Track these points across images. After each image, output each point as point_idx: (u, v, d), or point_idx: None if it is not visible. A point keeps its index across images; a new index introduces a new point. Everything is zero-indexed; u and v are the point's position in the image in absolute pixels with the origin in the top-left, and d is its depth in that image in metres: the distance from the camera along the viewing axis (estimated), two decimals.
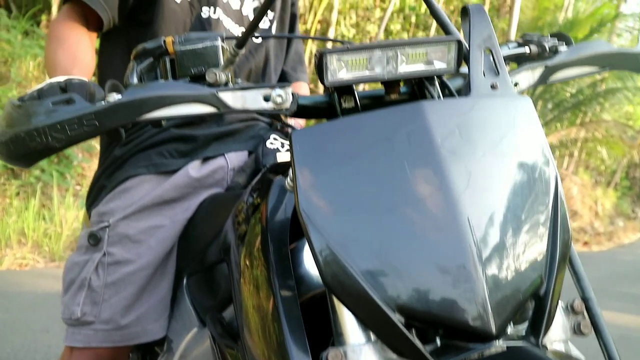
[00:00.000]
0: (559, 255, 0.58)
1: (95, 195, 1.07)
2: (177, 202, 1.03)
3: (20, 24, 5.63)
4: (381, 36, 8.38)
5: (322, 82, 0.63)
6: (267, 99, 0.64)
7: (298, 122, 1.25)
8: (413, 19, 9.16)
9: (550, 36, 0.82)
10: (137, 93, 0.61)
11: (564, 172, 11.97)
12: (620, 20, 9.99)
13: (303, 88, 1.31)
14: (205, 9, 1.07)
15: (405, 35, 9.09)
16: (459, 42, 0.64)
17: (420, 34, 9.24)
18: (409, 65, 0.64)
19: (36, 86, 0.70)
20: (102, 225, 1.01)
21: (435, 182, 0.56)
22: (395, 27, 8.76)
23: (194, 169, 1.03)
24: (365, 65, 0.64)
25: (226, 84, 0.65)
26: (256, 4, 1.17)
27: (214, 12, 1.08)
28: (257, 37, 1.13)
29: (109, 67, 1.10)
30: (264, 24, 1.19)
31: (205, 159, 1.05)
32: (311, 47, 8.13)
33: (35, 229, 4.27)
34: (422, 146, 0.58)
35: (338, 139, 0.59)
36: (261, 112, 0.64)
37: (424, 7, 9.28)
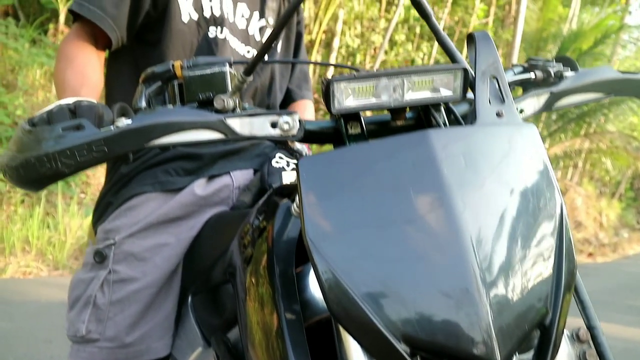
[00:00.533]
0: (564, 284, 0.58)
1: (101, 212, 1.08)
2: (182, 220, 1.03)
3: (28, 32, 5.69)
4: (386, 46, 8.41)
5: (329, 110, 0.63)
6: (274, 125, 0.64)
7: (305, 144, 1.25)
8: (418, 30, 9.19)
9: (556, 60, 0.82)
10: (145, 119, 0.62)
11: (568, 183, 11.94)
12: (625, 32, 10.00)
13: (308, 106, 1.32)
14: (212, 29, 1.08)
15: (409, 46, 9.11)
16: (465, 70, 0.65)
17: (425, 44, 9.27)
18: (415, 92, 0.65)
19: (45, 108, 0.70)
20: (108, 243, 1.01)
21: (440, 211, 0.56)
22: (400, 37, 8.79)
23: (199, 187, 1.04)
24: (371, 92, 0.64)
25: (234, 109, 0.65)
26: (262, 23, 1.18)
27: (221, 32, 1.09)
28: (265, 62, 1.14)
29: (117, 84, 1.11)
30: None
31: (211, 177, 1.06)
32: (316, 57, 8.17)
33: (39, 237, 4.29)
34: (427, 175, 0.58)
35: (344, 167, 0.59)
36: (268, 139, 0.65)
37: None
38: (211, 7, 1.09)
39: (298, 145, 1.17)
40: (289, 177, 1.04)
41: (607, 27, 9.39)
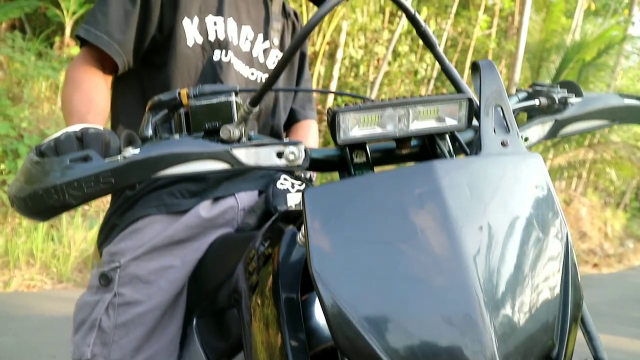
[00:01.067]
0: (571, 316, 0.58)
1: (106, 234, 1.08)
2: (187, 243, 1.04)
3: (34, 45, 5.74)
4: (389, 57, 8.45)
5: (335, 140, 0.64)
6: (280, 155, 0.65)
7: None
8: (421, 41, 9.22)
9: (560, 86, 0.82)
10: (151, 150, 0.62)
11: (573, 194, 11.90)
12: (628, 42, 10.01)
13: (312, 126, 1.33)
14: (217, 52, 1.09)
15: (412, 57, 9.15)
16: (470, 100, 0.65)
17: (428, 55, 9.29)
18: (420, 121, 0.65)
19: (53, 135, 0.71)
20: (113, 266, 1.01)
21: (445, 243, 0.56)
22: (403, 48, 8.83)
23: (204, 209, 1.04)
24: (377, 122, 0.65)
25: (240, 139, 0.66)
26: (266, 45, 1.19)
27: (226, 55, 1.10)
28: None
29: (123, 107, 1.12)
30: (273, 65, 1.21)
31: (216, 199, 1.06)
32: (319, 68, 8.21)
33: (43, 250, 4.30)
34: (433, 207, 0.58)
35: (350, 198, 0.60)
36: (274, 169, 0.65)
37: (431, 29, 9.35)
38: (216, 31, 1.10)
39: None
40: (294, 199, 1.04)
41: (610, 37, 9.39)
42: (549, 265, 0.60)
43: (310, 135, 1.30)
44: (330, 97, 8.07)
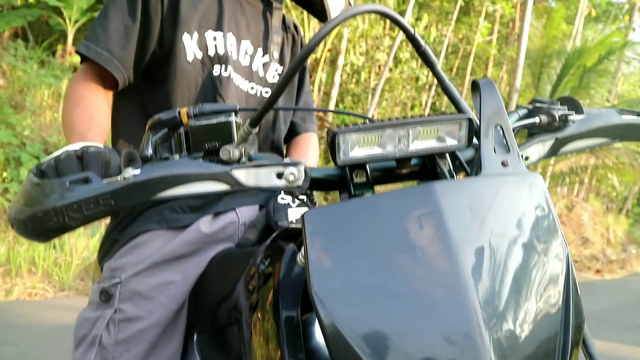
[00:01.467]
0: (572, 339, 0.58)
1: (107, 249, 1.08)
2: (188, 258, 1.03)
3: (37, 53, 5.76)
4: (390, 64, 8.46)
5: (335, 161, 0.64)
6: (279, 176, 0.65)
7: None
8: None
9: (560, 102, 0.82)
10: (151, 172, 0.62)
11: (575, 199, 11.88)
12: (629, 48, 10.01)
13: (312, 139, 1.33)
14: (216, 67, 1.09)
15: (414, 63, 9.17)
16: (470, 120, 0.65)
17: None
18: (420, 141, 0.65)
19: (53, 154, 0.71)
20: (114, 282, 1.01)
21: (445, 265, 0.56)
22: (405, 55, 8.85)
23: (205, 224, 1.04)
24: (377, 142, 0.64)
25: (239, 159, 0.66)
26: (266, 59, 1.19)
27: (225, 70, 1.10)
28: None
29: (123, 122, 1.12)
30: (273, 78, 1.21)
31: (217, 214, 1.06)
32: (321, 75, 8.22)
33: (45, 258, 4.30)
34: (433, 229, 0.58)
35: (350, 220, 0.60)
36: (274, 189, 0.65)
37: (432, 36, 9.40)
38: (215, 46, 1.10)
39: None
40: (294, 214, 1.04)
41: (611, 44, 9.41)
42: (549, 286, 0.59)
43: (310, 148, 1.30)
44: (332, 103, 8.08)
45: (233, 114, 0.68)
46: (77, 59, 6.03)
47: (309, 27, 7.16)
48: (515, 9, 10.29)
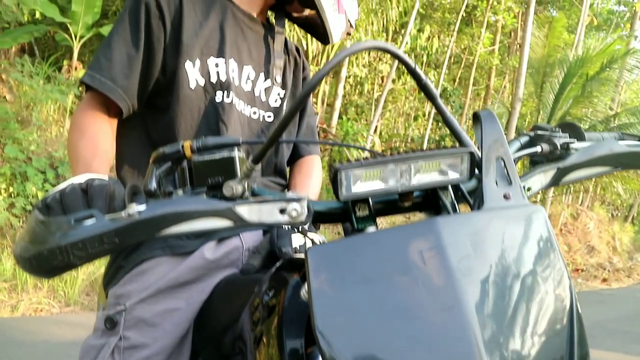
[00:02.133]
0: None
1: (112, 275, 1.09)
2: (192, 284, 1.04)
3: (43, 69, 5.81)
4: (393, 75, 8.49)
5: (337, 197, 0.64)
6: (282, 211, 0.65)
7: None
8: (424, 58, 9.28)
9: (562, 128, 0.83)
10: (155, 209, 0.62)
11: (580, 208, 11.83)
12: (631, 56, 10.01)
13: (316, 162, 1.33)
14: (219, 93, 1.10)
15: None
16: (472, 153, 0.66)
17: (432, 73, 9.34)
18: (422, 175, 0.66)
19: (59, 186, 0.72)
20: (119, 309, 1.02)
21: (448, 302, 0.56)
22: None
23: (209, 250, 1.04)
24: (379, 176, 0.65)
25: (243, 194, 0.66)
26: (268, 84, 1.20)
27: (228, 96, 1.11)
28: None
29: (126, 148, 1.13)
30: (275, 102, 1.22)
31: (221, 240, 1.06)
32: (324, 87, 8.25)
33: None
34: (436, 265, 0.58)
35: (353, 257, 0.60)
36: (277, 225, 0.66)
37: (434, 46, 9.43)
38: (217, 73, 1.11)
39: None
40: (298, 240, 1.04)
41: (613, 52, 9.41)
42: (553, 318, 0.60)
43: (314, 172, 1.30)
44: (335, 114, 8.11)
45: (236, 149, 0.69)
46: (82, 74, 6.08)
47: (311, 48, 7.19)
48: (516, 19, 10.32)
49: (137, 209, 0.63)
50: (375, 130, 8.88)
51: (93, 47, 6.79)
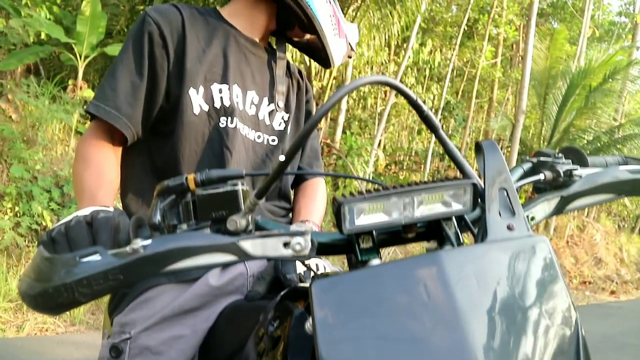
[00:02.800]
0: None
1: (117, 302, 1.09)
2: (197, 312, 1.04)
3: (48, 89, 5.87)
4: None
5: (340, 230, 0.64)
6: (286, 245, 0.65)
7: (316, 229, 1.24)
8: (427, 72, 9.31)
9: (564, 153, 0.83)
10: (159, 245, 0.63)
11: (586, 220, 11.76)
12: (634, 67, 10.02)
13: (320, 185, 1.33)
14: (222, 119, 1.11)
15: (419, 88, 9.22)
16: (474, 185, 0.66)
17: (435, 86, 9.37)
18: (425, 206, 0.66)
19: (64, 219, 0.72)
20: (124, 337, 1.02)
21: (453, 337, 0.56)
22: (410, 80, 8.91)
23: (213, 277, 1.05)
24: (382, 209, 0.65)
25: (246, 227, 0.66)
26: (271, 107, 1.21)
27: (231, 122, 1.12)
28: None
29: (132, 176, 1.14)
30: (279, 126, 1.22)
31: (225, 266, 1.06)
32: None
33: None
34: (440, 299, 0.58)
35: (357, 291, 0.60)
36: (281, 259, 0.66)
37: (437, 60, 9.48)
38: (221, 98, 1.12)
39: (310, 224, 1.17)
40: (302, 266, 1.04)
41: (615, 63, 9.42)
42: (559, 351, 0.59)
43: (318, 194, 1.31)
44: (339, 129, 8.13)
45: (239, 183, 0.69)
46: (87, 93, 6.14)
47: (312, 71, 7.23)
48: (518, 31, 10.37)
49: (141, 243, 0.63)
50: (379, 145, 8.90)
51: (98, 66, 6.86)
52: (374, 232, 0.69)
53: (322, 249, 0.70)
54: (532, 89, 9.41)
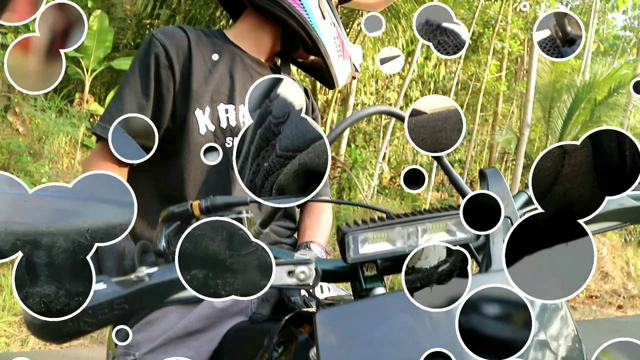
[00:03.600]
0: None
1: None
2: (202, 333, 1.03)
3: (55, 102, 5.93)
4: (401, 102, 8.55)
5: (344, 259, 0.64)
6: (290, 274, 0.65)
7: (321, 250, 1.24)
8: (432, 85, 9.34)
9: None
10: (165, 274, 0.63)
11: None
12: None
13: (325, 204, 1.33)
14: (228, 139, 1.12)
15: None
16: None
17: None
18: (430, 235, 0.66)
19: None
20: (129, 359, 1.01)
21: None
22: (415, 94, 8.94)
23: None
24: (386, 238, 0.65)
25: None
26: None
27: None
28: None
29: (137, 196, 1.12)
30: None
31: None
32: (332, 115, 8.31)
33: None
34: (444, 329, 0.58)
35: (361, 322, 0.60)
36: (284, 287, 0.66)
37: (442, 73, 9.51)
38: (227, 119, 1.12)
39: (315, 250, 1.17)
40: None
41: (621, 76, 9.42)
42: None
43: (324, 215, 1.31)
44: (344, 142, 8.14)
45: (244, 210, 0.69)
46: (94, 106, 6.20)
47: (317, 91, 7.27)
48: (522, 45, 10.40)
49: (146, 272, 0.63)
50: (384, 158, 8.91)
51: (104, 79, 6.92)
52: (378, 261, 0.69)
53: (326, 277, 0.70)
54: (537, 103, 9.41)
